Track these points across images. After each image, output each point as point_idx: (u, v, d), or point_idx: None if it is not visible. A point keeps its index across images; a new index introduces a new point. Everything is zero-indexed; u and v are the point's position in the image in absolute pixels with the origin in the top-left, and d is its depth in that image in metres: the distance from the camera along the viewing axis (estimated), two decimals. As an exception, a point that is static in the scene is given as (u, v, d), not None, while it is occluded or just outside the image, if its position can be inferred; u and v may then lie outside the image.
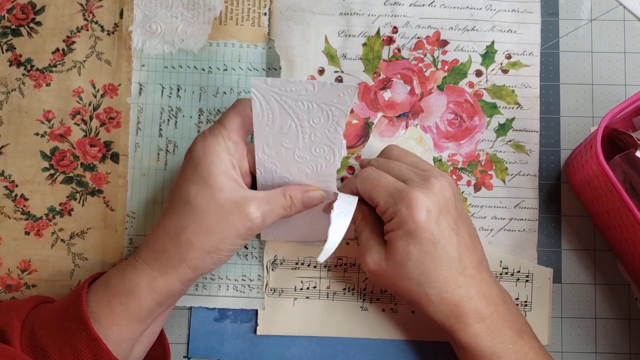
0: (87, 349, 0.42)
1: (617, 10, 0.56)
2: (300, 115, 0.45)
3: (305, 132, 0.45)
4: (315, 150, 0.46)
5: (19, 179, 0.55)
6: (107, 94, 0.55)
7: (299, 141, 0.46)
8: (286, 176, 0.48)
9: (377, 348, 0.54)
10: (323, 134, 0.45)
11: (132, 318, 0.44)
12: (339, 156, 0.47)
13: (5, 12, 0.56)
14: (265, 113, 0.45)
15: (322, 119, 0.45)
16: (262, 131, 0.45)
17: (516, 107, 0.55)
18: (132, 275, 0.44)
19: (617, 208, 0.46)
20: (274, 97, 0.44)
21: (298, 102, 0.44)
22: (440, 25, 0.56)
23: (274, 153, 0.47)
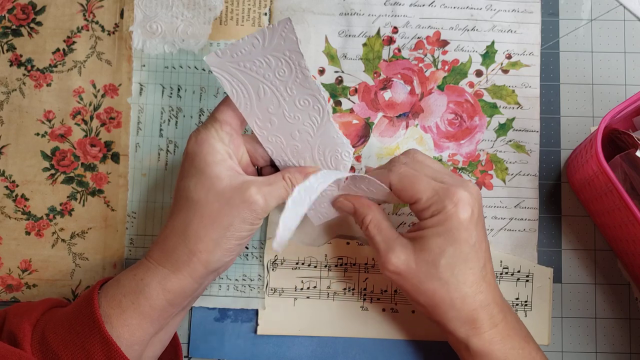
0: (100, 352, 0.41)
1: (617, 10, 0.56)
2: (265, 74, 0.44)
3: (280, 89, 0.45)
4: (300, 103, 0.45)
5: (19, 179, 0.55)
6: (108, 94, 0.55)
7: (280, 101, 0.45)
8: (295, 144, 0.47)
9: (377, 348, 0.54)
10: (296, 83, 0.44)
11: (143, 318, 0.43)
12: (324, 102, 0.45)
13: (6, 12, 0.56)
14: (236, 88, 0.45)
15: (285, 70, 0.44)
16: (245, 108, 0.45)
17: (516, 107, 0.55)
18: (143, 275, 0.44)
19: (618, 208, 0.46)
20: (234, 67, 0.44)
21: (255, 62, 0.44)
22: (441, 25, 0.56)
23: (268, 125, 0.46)
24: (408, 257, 0.45)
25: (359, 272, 0.54)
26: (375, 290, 0.54)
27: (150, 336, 0.45)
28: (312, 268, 0.54)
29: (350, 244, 0.54)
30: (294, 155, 0.48)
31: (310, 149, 0.48)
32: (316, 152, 0.48)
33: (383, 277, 0.54)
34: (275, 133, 0.47)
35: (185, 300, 0.46)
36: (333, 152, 0.48)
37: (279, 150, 0.48)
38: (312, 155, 0.48)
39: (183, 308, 0.47)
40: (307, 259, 0.54)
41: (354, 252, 0.54)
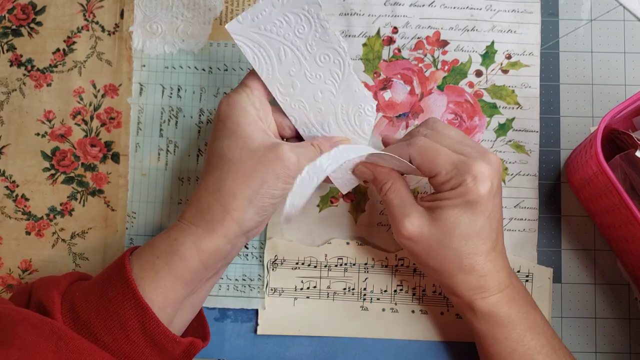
0: (135, 318, 0.41)
1: (617, 11, 0.56)
2: (285, 33, 0.45)
3: (300, 47, 0.46)
4: (321, 60, 0.46)
5: (19, 179, 0.55)
6: (108, 94, 0.55)
7: (301, 61, 0.46)
8: (318, 107, 0.48)
9: (377, 348, 0.54)
10: (315, 38, 0.45)
11: (176, 280, 0.43)
12: (344, 53, 0.46)
13: (6, 13, 0.56)
14: (257, 54, 0.46)
15: (305, 26, 0.45)
16: (267, 75, 0.46)
17: (516, 107, 0.55)
18: (177, 235, 0.44)
19: (617, 208, 0.46)
20: (254, 32, 0.45)
21: (276, 22, 0.45)
22: (440, 26, 0.56)
23: (291, 89, 0.47)
24: (422, 223, 0.45)
25: (359, 272, 0.54)
26: (375, 290, 0.54)
27: (182, 299, 0.44)
28: (312, 268, 0.54)
29: (350, 244, 0.54)
30: (317, 120, 0.48)
31: (334, 109, 0.48)
32: (339, 112, 0.48)
33: (382, 277, 0.54)
34: (298, 97, 0.47)
35: (219, 263, 0.45)
36: (356, 108, 0.48)
37: (302, 117, 0.48)
38: (336, 116, 0.48)
39: (215, 273, 0.47)
40: (307, 259, 0.54)
41: (354, 252, 0.54)
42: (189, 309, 0.46)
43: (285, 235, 0.54)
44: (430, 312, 0.54)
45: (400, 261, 0.54)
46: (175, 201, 0.55)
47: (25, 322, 0.39)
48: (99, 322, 0.41)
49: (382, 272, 0.54)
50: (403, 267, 0.54)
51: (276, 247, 0.54)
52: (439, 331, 0.54)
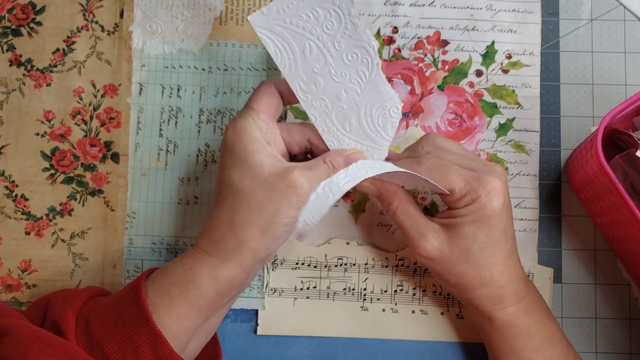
0: (148, 344, 0.41)
1: (618, 10, 0.56)
2: (312, 29, 0.43)
3: (327, 44, 0.44)
4: (348, 59, 0.44)
5: (19, 179, 0.55)
6: (108, 94, 0.55)
7: (327, 58, 0.44)
8: (341, 106, 0.45)
9: (377, 348, 0.54)
10: (344, 35, 0.43)
11: (191, 308, 0.43)
12: (374, 52, 0.44)
13: (6, 12, 0.56)
14: (281, 48, 0.44)
15: (334, 21, 0.43)
16: (289, 70, 0.44)
17: (516, 107, 0.55)
18: (192, 264, 0.44)
19: (618, 208, 0.46)
20: (279, 25, 0.43)
21: (302, 16, 0.43)
22: (441, 25, 0.56)
23: (313, 87, 0.45)
24: (441, 243, 0.46)
25: (359, 272, 0.54)
26: (375, 290, 0.54)
27: (197, 326, 0.44)
28: (312, 268, 0.54)
29: (350, 244, 0.54)
30: (339, 119, 0.46)
31: (357, 109, 0.46)
32: (363, 112, 0.46)
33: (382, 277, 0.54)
34: (320, 95, 0.45)
35: (234, 290, 0.45)
36: (381, 109, 0.46)
37: (323, 116, 0.46)
38: (359, 116, 0.46)
39: (229, 300, 0.47)
40: (307, 259, 0.54)
41: (354, 252, 0.54)
42: (202, 335, 0.46)
43: (285, 235, 0.54)
44: (431, 312, 0.54)
45: (400, 261, 0.54)
46: (175, 201, 0.55)
47: (39, 341, 0.39)
48: (112, 346, 0.41)
49: (382, 272, 0.54)
50: (403, 267, 0.54)
51: (276, 247, 0.54)
52: (439, 331, 0.54)
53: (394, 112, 0.46)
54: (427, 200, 0.54)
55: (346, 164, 0.46)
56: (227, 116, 0.55)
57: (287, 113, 0.55)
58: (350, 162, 0.46)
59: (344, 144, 0.47)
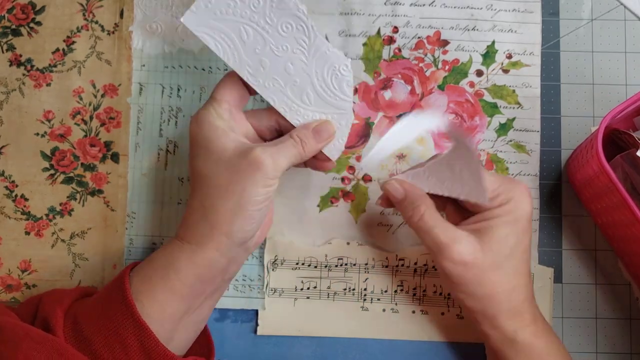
0: (134, 337, 0.42)
1: (618, 10, 0.56)
2: (241, 12, 0.44)
3: (260, 22, 0.44)
4: (284, 30, 0.45)
5: (19, 179, 0.55)
6: (108, 94, 0.55)
7: (264, 36, 0.45)
8: (293, 80, 0.46)
9: (377, 348, 0.54)
10: (272, 9, 0.44)
11: (173, 294, 0.43)
12: (305, 17, 0.45)
13: (6, 12, 0.56)
14: (219, 40, 0.45)
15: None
16: (234, 60, 0.45)
17: (517, 107, 0.55)
18: (172, 250, 0.45)
19: (618, 208, 0.46)
20: (211, 18, 0.44)
21: (230, 3, 0.44)
22: (441, 25, 0.55)
23: (261, 69, 0.45)
24: (474, 248, 0.44)
25: (359, 272, 0.54)
26: (375, 290, 0.54)
27: (181, 314, 0.44)
28: (312, 268, 0.54)
29: (350, 244, 0.54)
30: (296, 94, 0.46)
31: (309, 78, 0.46)
32: (315, 79, 0.46)
33: (383, 277, 0.54)
34: (270, 75, 0.46)
35: (217, 277, 0.46)
36: (331, 70, 0.46)
37: (280, 95, 0.46)
38: (313, 84, 0.46)
39: (215, 289, 0.47)
40: (307, 259, 0.54)
41: (354, 252, 0.54)
42: (190, 327, 0.46)
43: (285, 235, 0.54)
44: (431, 313, 0.54)
45: (400, 261, 0.54)
46: (175, 201, 0.55)
47: (28, 338, 0.40)
48: (100, 340, 0.42)
49: (382, 272, 0.54)
50: (403, 267, 0.54)
51: (276, 247, 0.54)
52: (439, 331, 0.54)
53: (343, 69, 0.46)
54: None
55: (315, 136, 0.46)
56: (227, 116, 0.55)
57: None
58: (318, 131, 0.46)
59: (309, 118, 0.47)
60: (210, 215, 0.44)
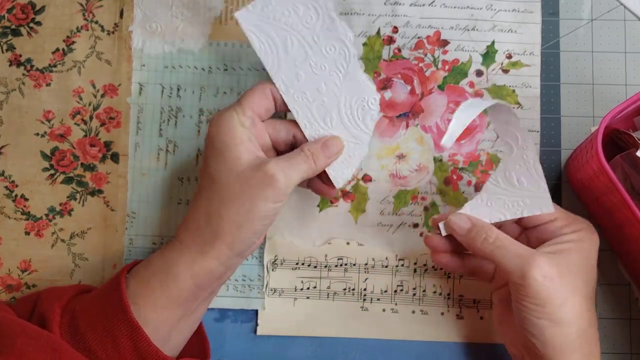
0: (127, 337, 0.42)
1: (618, 10, 0.56)
2: (293, 23, 0.46)
3: (307, 38, 0.46)
4: (327, 51, 0.46)
5: (19, 179, 0.55)
6: (107, 94, 0.55)
7: (307, 51, 0.46)
8: (321, 99, 0.47)
9: (377, 348, 0.54)
10: (322, 29, 0.46)
11: (170, 299, 0.43)
12: (350, 44, 0.46)
13: (5, 12, 0.56)
14: (264, 43, 0.46)
15: (312, 16, 0.46)
16: (272, 65, 0.46)
17: (517, 107, 0.55)
18: (171, 254, 0.44)
19: (618, 208, 0.46)
20: (263, 21, 0.46)
21: (285, 12, 0.46)
22: (441, 25, 0.55)
23: (295, 81, 0.47)
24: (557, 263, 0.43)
25: (359, 272, 0.54)
26: (375, 290, 0.54)
27: (178, 319, 0.44)
28: (312, 268, 0.54)
29: (350, 244, 0.54)
30: (320, 113, 0.47)
31: (337, 102, 0.47)
32: (342, 105, 0.47)
33: (383, 277, 0.54)
34: (302, 89, 0.47)
35: (213, 284, 0.46)
36: (360, 101, 0.47)
37: (305, 110, 0.47)
38: (339, 108, 0.47)
39: (210, 293, 0.47)
40: (307, 259, 0.54)
41: (353, 252, 0.54)
42: (185, 329, 0.46)
43: (285, 235, 0.54)
44: (431, 313, 0.54)
45: (400, 261, 0.54)
46: (175, 201, 0.55)
47: (24, 333, 0.40)
48: (94, 338, 0.42)
49: (382, 272, 0.54)
50: (403, 267, 0.54)
51: (276, 247, 0.54)
52: (439, 331, 0.54)
53: (372, 104, 0.47)
54: (427, 200, 0.54)
55: (324, 151, 0.46)
56: (227, 116, 0.55)
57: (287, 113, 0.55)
58: (328, 147, 0.46)
59: None
60: (215, 223, 0.44)
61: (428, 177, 0.55)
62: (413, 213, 0.54)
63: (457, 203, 0.54)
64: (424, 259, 0.54)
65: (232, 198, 0.43)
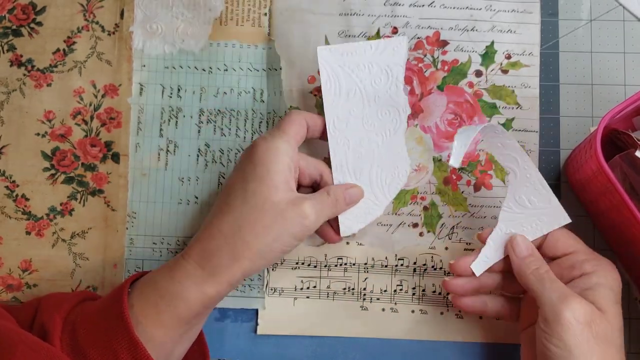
0: (128, 353, 0.41)
1: (617, 11, 0.56)
2: (362, 78, 0.49)
3: (369, 95, 0.49)
4: (381, 114, 0.49)
5: (20, 179, 0.55)
6: (108, 94, 0.55)
7: (364, 107, 0.49)
8: (360, 150, 0.50)
9: (377, 348, 0.54)
10: (385, 93, 0.49)
11: (179, 320, 0.43)
12: (404, 116, 0.49)
13: (6, 13, 0.56)
14: (332, 82, 0.49)
15: (382, 78, 0.49)
16: (330, 103, 0.49)
17: (516, 107, 0.55)
18: (181, 277, 0.44)
19: (617, 208, 0.46)
20: (339, 64, 0.49)
21: (359, 65, 0.49)
22: (440, 26, 0.56)
23: (344, 125, 0.49)
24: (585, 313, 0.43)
25: (359, 272, 0.54)
26: (375, 290, 0.54)
27: (183, 334, 0.44)
28: (312, 268, 0.54)
29: (350, 244, 0.54)
30: (354, 162, 0.50)
31: (372, 160, 0.50)
32: (376, 164, 0.50)
33: (382, 277, 0.54)
34: (347, 135, 0.49)
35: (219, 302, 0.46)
36: (392, 167, 0.50)
37: (341, 154, 0.50)
38: (371, 166, 0.50)
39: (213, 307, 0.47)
40: (307, 259, 0.54)
41: (354, 252, 0.54)
42: (187, 341, 0.46)
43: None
44: (430, 312, 0.54)
45: (400, 261, 0.54)
46: (175, 201, 0.55)
47: (24, 344, 0.40)
48: (95, 353, 0.41)
49: (382, 272, 0.54)
50: (403, 267, 0.54)
51: (276, 247, 0.54)
52: (439, 331, 0.54)
53: (402, 175, 0.50)
54: (426, 200, 0.54)
55: (346, 197, 0.48)
56: (227, 116, 0.55)
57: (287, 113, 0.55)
58: (350, 195, 0.48)
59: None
60: (238, 248, 0.43)
61: (427, 177, 0.55)
62: (412, 213, 0.54)
63: (456, 203, 0.54)
64: (423, 259, 0.54)
65: (263, 226, 0.43)
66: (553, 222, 0.47)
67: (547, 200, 0.47)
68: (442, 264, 0.54)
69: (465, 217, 0.54)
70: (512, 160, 0.47)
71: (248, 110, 0.55)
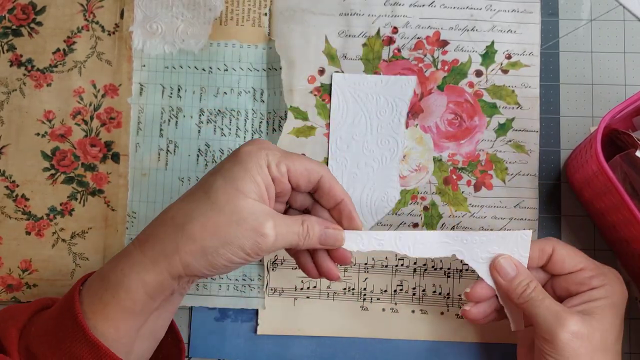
0: (89, 355, 0.40)
1: (617, 11, 0.56)
2: (369, 108, 0.54)
3: (373, 124, 0.54)
4: (381, 142, 0.54)
5: (19, 179, 0.55)
6: (108, 94, 0.55)
7: (367, 134, 0.54)
8: (354, 171, 0.54)
9: (377, 348, 0.54)
10: (388, 125, 0.54)
11: (125, 312, 0.41)
12: (401, 147, 0.53)
13: (6, 13, 0.56)
14: (341, 105, 0.54)
15: (387, 111, 0.54)
16: (336, 124, 0.54)
17: (516, 107, 0.55)
18: (124, 266, 0.42)
19: (617, 208, 0.46)
20: (349, 91, 0.54)
21: (368, 96, 0.54)
22: (440, 26, 0.56)
23: (345, 146, 0.54)
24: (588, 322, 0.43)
25: (359, 272, 0.54)
26: (375, 290, 0.54)
27: (135, 329, 0.42)
28: (312, 268, 0.54)
29: (350, 244, 0.54)
30: (346, 182, 0.53)
31: (365, 182, 0.54)
32: (368, 187, 0.54)
33: (382, 277, 0.54)
34: (346, 156, 0.54)
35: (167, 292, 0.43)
36: (382, 192, 0.54)
37: (337, 173, 0.53)
38: (363, 188, 0.54)
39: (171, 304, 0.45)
40: (307, 259, 0.54)
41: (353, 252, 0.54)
42: (149, 337, 0.44)
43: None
44: (430, 312, 0.54)
45: (400, 261, 0.54)
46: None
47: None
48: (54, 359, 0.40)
49: (382, 272, 0.54)
50: (403, 267, 0.54)
51: (276, 247, 0.54)
52: (439, 331, 0.54)
53: (390, 200, 0.54)
54: (426, 200, 0.54)
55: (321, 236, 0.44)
56: (227, 116, 0.55)
57: (287, 113, 0.55)
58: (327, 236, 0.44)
59: None
60: (182, 240, 0.41)
61: (427, 177, 0.55)
62: (413, 213, 0.54)
63: (456, 203, 0.54)
64: (423, 259, 0.54)
65: (215, 227, 0.40)
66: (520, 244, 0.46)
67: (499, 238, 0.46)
68: (442, 264, 0.54)
69: (466, 217, 0.54)
70: (459, 250, 0.46)
71: (248, 110, 0.55)
